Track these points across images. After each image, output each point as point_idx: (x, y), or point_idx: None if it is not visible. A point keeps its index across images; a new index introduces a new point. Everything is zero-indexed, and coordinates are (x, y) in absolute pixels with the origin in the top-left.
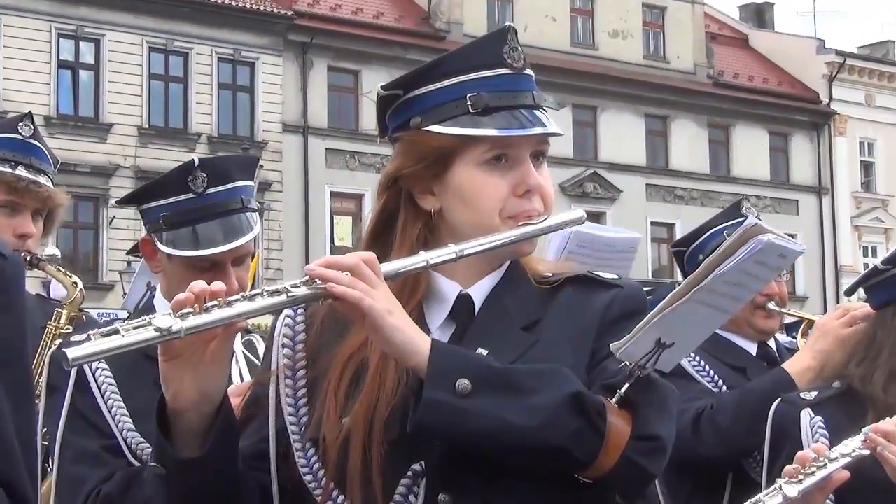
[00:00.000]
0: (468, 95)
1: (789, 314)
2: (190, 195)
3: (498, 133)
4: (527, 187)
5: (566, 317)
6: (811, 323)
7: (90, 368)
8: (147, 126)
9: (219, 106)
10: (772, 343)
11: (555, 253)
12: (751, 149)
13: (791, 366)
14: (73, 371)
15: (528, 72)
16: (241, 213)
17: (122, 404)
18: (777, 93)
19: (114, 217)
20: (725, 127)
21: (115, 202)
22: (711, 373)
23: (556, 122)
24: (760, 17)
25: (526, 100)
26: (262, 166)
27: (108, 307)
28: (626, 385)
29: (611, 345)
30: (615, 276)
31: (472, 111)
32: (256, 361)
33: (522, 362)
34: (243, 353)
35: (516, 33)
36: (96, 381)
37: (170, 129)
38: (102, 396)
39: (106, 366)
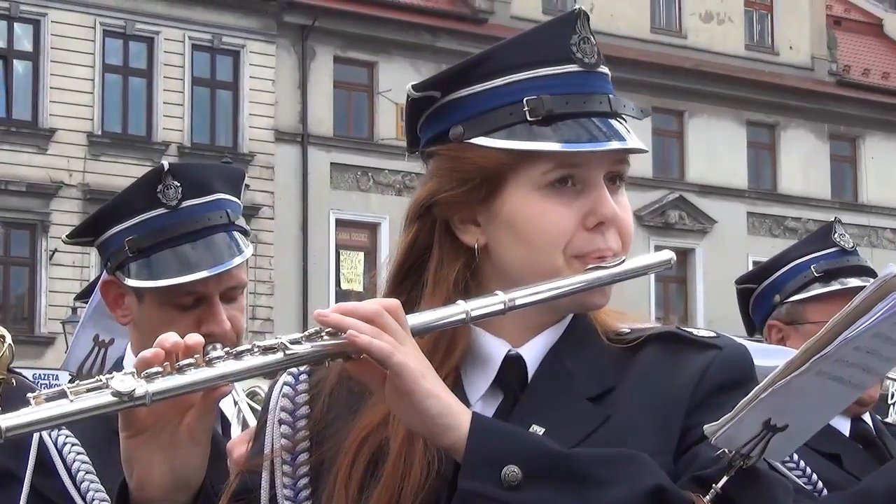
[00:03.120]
0: (525, 99)
1: (891, 378)
2: (161, 210)
3: (564, 148)
4: (599, 218)
5: (648, 386)
6: None
7: (55, 446)
8: (99, 133)
9: (192, 107)
10: (867, 417)
11: None
12: (885, 168)
13: None
14: (33, 451)
15: (603, 69)
16: (228, 231)
17: (99, 487)
18: None
19: (55, 250)
20: (852, 139)
21: (65, 237)
22: (801, 463)
23: (637, 133)
24: None
25: (600, 105)
26: (248, 185)
27: (46, 366)
28: (725, 479)
29: (704, 427)
30: (712, 334)
31: (530, 119)
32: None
33: (590, 444)
34: (248, 403)
35: (588, 19)
36: (65, 462)
37: (129, 137)
38: (74, 479)
39: (76, 441)
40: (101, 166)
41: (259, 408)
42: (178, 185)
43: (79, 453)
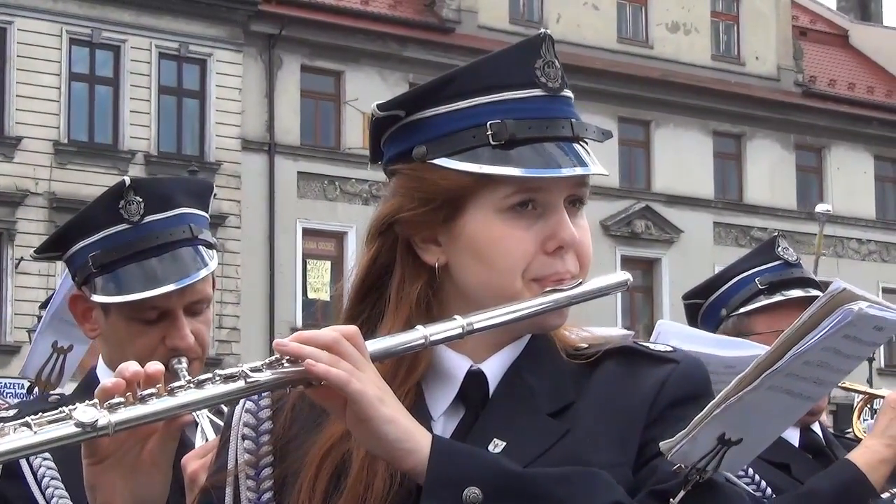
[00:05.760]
0: (489, 122)
1: (844, 388)
2: (123, 226)
3: (525, 173)
4: (559, 243)
5: (606, 400)
6: (871, 399)
7: None
8: (66, 141)
9: (159, 116)
10: (816, 427)
11: None
12: (850, 178)
13: (860, 457)
14: None
15: (567, 93)
16: (192, 246)
17: (64, 493)
18: (885, 106)
19: (21, 258)
20: (818, 149)
21: (32, 253)
22: (750, 471)
23: (599, 144)
24: (864, 7)
25: (563, 130)
26: (215, 195)
27: (11, 375)
28: (682, 493)
29: (661, 444)
30: (669, 348)
31: (492, 143)
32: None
33: (550, 457)
34: (208, 416)
35: (553, 44)
36: (31, 467)
37: (95, 146)
38: (40, 485)
39: None
40: (68, 175)
41: (219, 421)
42: (141, 200)
43: (45, 458)
